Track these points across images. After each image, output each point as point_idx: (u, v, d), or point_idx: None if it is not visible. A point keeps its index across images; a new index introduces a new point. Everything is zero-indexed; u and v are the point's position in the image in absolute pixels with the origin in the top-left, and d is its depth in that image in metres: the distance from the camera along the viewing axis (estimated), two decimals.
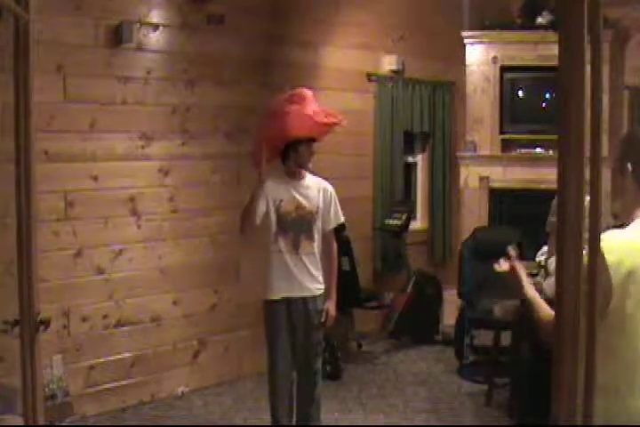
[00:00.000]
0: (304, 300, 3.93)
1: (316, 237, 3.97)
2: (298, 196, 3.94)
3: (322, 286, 4.00)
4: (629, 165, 1.91)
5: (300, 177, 3.98)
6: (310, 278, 3.94)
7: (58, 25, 4.40)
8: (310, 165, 4.01)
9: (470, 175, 7.15)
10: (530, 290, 2.21)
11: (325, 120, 3.92)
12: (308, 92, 3.98)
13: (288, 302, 3.92)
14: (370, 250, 6.57)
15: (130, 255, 4.90)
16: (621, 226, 1.92)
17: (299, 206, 3.93)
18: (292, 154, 3.93)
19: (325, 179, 4.16)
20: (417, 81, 6.85)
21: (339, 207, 4.06)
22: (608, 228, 1.87)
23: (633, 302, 1.81)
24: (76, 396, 4.53)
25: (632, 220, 1.91)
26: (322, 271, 4.02)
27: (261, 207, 3.86)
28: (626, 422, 1.80)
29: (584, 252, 1.20)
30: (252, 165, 3.96)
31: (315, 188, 3.97)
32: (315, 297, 3.94)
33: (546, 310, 2.04)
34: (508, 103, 7.04)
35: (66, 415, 4.35)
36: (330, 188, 4.04)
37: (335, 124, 3.97)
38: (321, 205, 3.96)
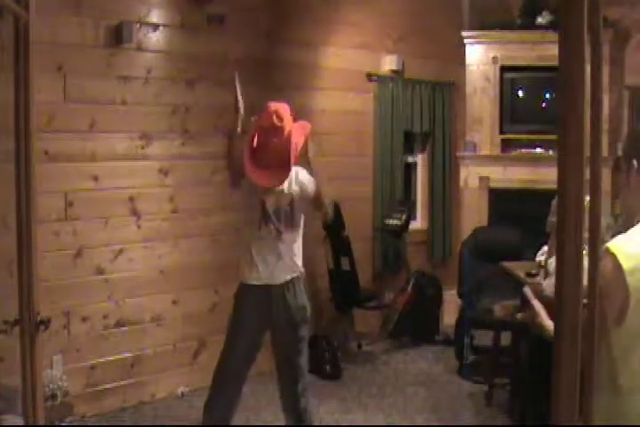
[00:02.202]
0: (281, 286, 3.82)
1: (299, 223, 3.89)
2: (276, 191, 3.86)
3: (300, 270, 3.90)
4: (635, 162, 1.90)
5: None
6: (286, 267, 3.84)
7: (58, 25, 4.40)
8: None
9: (470, 175, 7.15)
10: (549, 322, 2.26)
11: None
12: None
13: (265, 288, 3.82)
14: (370, 250, 6.57)
15: (130, 255, 4.90)
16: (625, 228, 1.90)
17: (278, 201, 3.86)
18: None
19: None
20: (417, 81, 6.85)
21: (312, 180, 3.91)
22: (608, 227, 1.87)
23: None
24: (76, 396, 4.53)
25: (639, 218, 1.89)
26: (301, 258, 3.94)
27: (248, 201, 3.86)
28: (637, 421, 1.80)
29: (584, 252, 1.20)
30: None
31: (292, 177, 3.89)
32: (292, 281, 3.83)
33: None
34: (508, 103, 7.04)
35: (66, 415, 4.34)
36: (300, 169, 3.90)
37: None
38: (297, 189, 3.86)
